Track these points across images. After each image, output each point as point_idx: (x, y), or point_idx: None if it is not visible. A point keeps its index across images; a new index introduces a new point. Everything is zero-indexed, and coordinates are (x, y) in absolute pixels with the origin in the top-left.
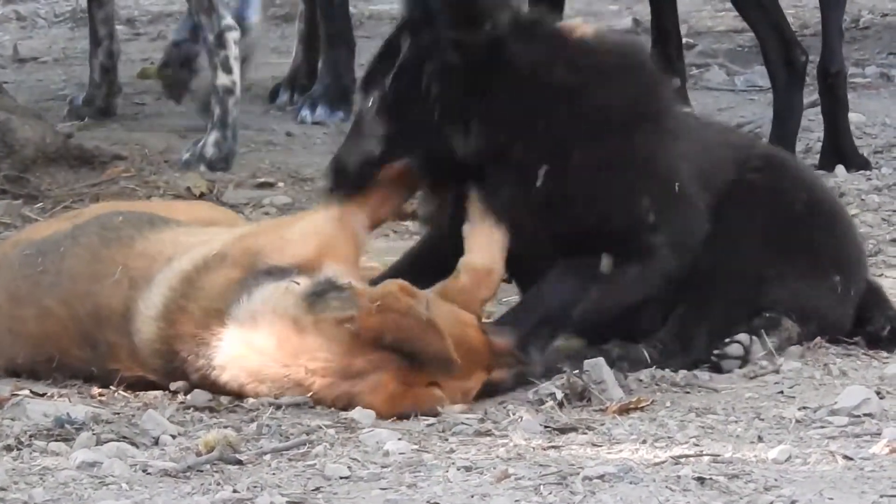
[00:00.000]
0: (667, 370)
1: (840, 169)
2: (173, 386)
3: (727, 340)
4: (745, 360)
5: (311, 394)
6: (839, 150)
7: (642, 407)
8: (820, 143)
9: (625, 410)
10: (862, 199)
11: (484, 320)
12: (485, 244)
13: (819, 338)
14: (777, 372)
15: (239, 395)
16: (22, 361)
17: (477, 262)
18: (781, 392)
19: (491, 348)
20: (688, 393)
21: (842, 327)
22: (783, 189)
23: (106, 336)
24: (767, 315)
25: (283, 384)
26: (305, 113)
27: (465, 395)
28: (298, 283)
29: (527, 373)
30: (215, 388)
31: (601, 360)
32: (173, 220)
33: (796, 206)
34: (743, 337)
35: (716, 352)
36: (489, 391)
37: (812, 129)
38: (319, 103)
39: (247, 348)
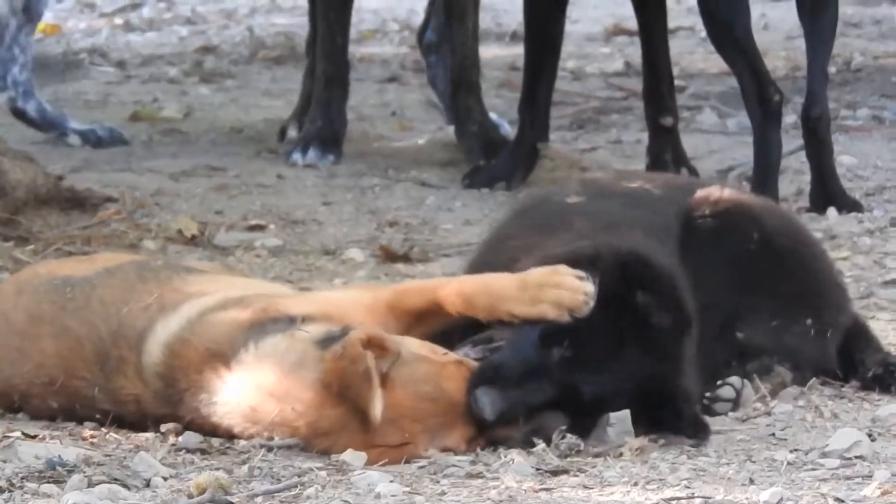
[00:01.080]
0: None
1: (832, 211)
2: (164, 427)
3: (719, 383)
4: (736, 403)
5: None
6: (827, 192)
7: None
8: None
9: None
10: (854, 242)
11: None
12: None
13: (813, 379)
14: (769, 414)
15: (230, 436)
16: (19, 381)
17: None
18: (773, 434)
19: None
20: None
21: (821, 368)
22: (734, 232)
23: (119, 351)
24: (759, 360)
25: (273, 425)
26: (297, 156)
27: (446, 449)
28: (308, 331)
29: (537, 428)
30: (207, 426)
31: (626, 412)
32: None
33: (750, 246)
34: (735, 380)
35: (707, 394)
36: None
37: (804, 172)
38: (311, 146)
39: (246, 388)
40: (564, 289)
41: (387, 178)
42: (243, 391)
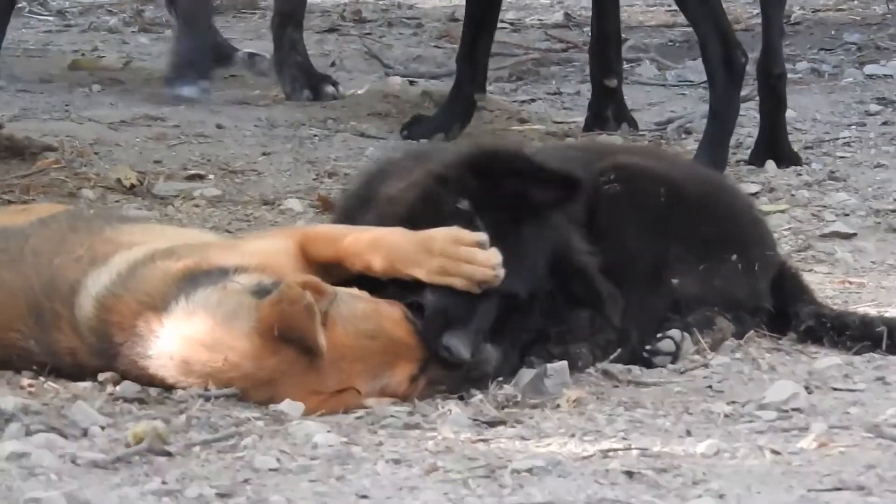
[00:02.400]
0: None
1: (770, 164)
2: (102, 377)
3: (659, 336)
4: (676, 356)
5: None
6: (773, 146)
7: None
8: (750, 139)
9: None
10: (792, 195)
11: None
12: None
13: (751, 332)
14: (706, 366)
15: (168, 387)
16: None
17: None
18: (710, 387)
19: (425, 342)
20: (616, 387)
21: (754, 304)
22: (640, 190)
23: (53, 305)
24: (701, 312)
25: (208, 376)
26: (186, 89)
27: (391, 391)
28: (240, 282)
29: (474, 367)
30: (144, 378)
31: (564, 364)
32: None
33: (660, 201)
34: (675, 333)
35: (647, 347)
36: (434, 389)
37: (742, 125)
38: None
39: (180, 341)
40: (477, 264)
41: (326, 129)
42: (176, 344)
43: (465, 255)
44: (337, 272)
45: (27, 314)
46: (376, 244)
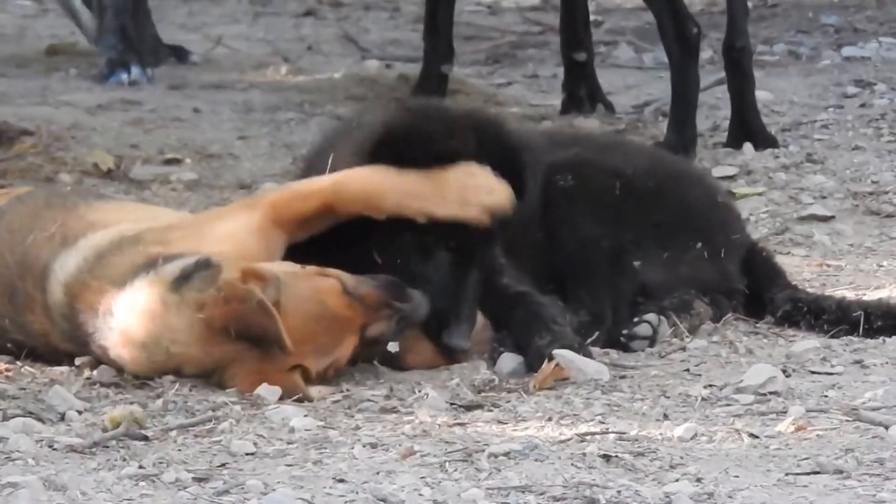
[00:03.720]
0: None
1: (748, 147)
2: (78, 361)
3: (636, 320)
4: (653, 339)
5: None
6: (746, 127)
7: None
8: (727, 122)
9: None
10: (769, 178)
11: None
12: None
13: (729, 315)
14: (684, 350)
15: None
16: None
17: None
18: (688, 370)
19: (363, 307)
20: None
21: (725, 287)
22: (594, 188)
23: (26, 287)
24: (678, 296)
25: (153, 367)
26: (123, 76)
27: (338, 363)
28: (161, 272)
29: (409, 314)
30: (115, 365)
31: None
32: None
33: (615, 194)
34: (651, 317)
35: (625, 332)
36: (373, 346)
37: (720, 107)
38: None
39: (124, 332)
40: (494, 191)
41: (302, 113)
42: (120, 336)
43: (484, 185)
44: (316, 227)
45: (1, 292)
46: (375, 183)
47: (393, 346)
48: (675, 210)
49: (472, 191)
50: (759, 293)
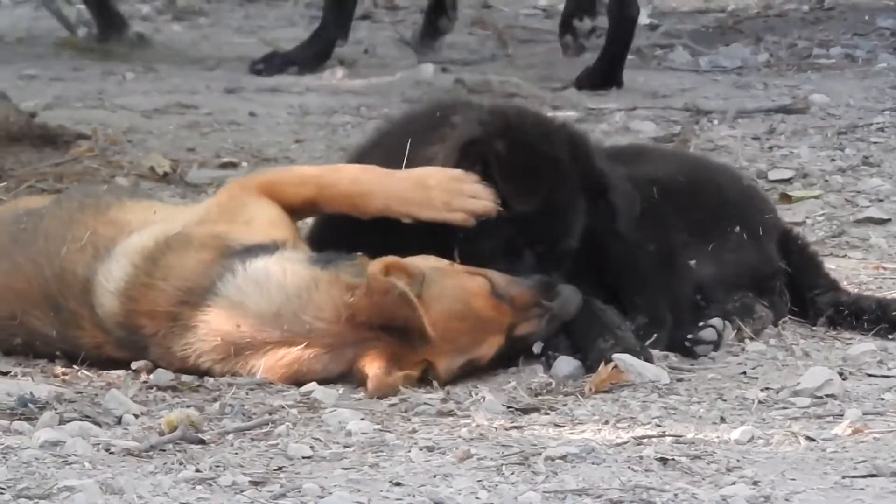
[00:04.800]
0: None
1: (804, 149)
2: (135, 365)
3: (701, 325)
4: (718, 344)
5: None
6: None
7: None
8: (783, 124)
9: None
10: (826, 180)
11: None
12: None
13: (787, 317)
14: (741, 353)
15: (205, 373)
16: None
17: None
18: (744, 373)
19: (511, 308)
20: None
21: (770, 269)
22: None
23: (69, 304)
24: (739, 300)
25: (273, 346)
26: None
27: (477, 362)
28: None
29: (559, 312)
30: (180, 365)
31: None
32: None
33: (654, 198)
34: (716, 321)
35: (689, 336)
36: (520, 344)
37: (775, 111)
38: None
39: (237, 315)
40: (479, 197)
41: (358, 116)
42: (232, 324)
43: (469, 190)
44: (306, 215)
45: (43, 304)
46: (363, 184)
47: (537, 347)
48: (708, 202)
49: (457, 195)
50: (799, 288)
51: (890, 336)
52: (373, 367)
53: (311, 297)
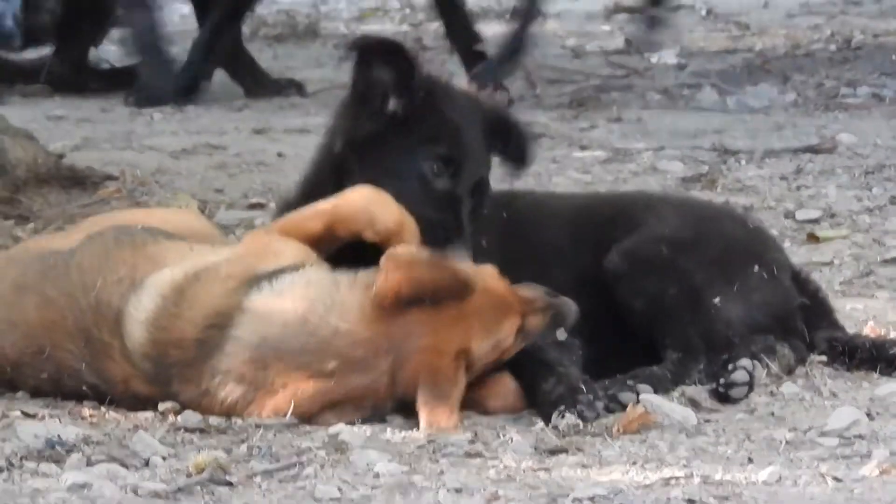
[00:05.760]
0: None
1: (831, 189)
2: (162, 406)
3: (730, 367)
4: (751, 385)
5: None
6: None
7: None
8: (811, 164)
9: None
10: (853, 220)
11: None
12: None
13: (812, 357)
14: (768, 394)
15: (231, 411)
16: (10, 352)
17: None
18: (772, 413)
19: (519, 297)
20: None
21: (792, 303)
22: (643, 254)
23: (101, 335)
24: (761, 341)
25: (303, 353)
26: None
27: (499, 349)
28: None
29: (562, 311)
30: (207, 399)
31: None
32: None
33: (664, 257)
34: (746, 362)
35: (721, 381)
36: (528, 340)
37: (801, 151)
38: None
39: (263, 326)
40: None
41: None
42: (258, 336)
43: None
44: (328, 244)
45: (76, 335)
46: (376, 202)
47: (561, 334)
48: (721, 245)
49: None
50: (807, 327)
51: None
52: (434, 414)
53: (334, 298)
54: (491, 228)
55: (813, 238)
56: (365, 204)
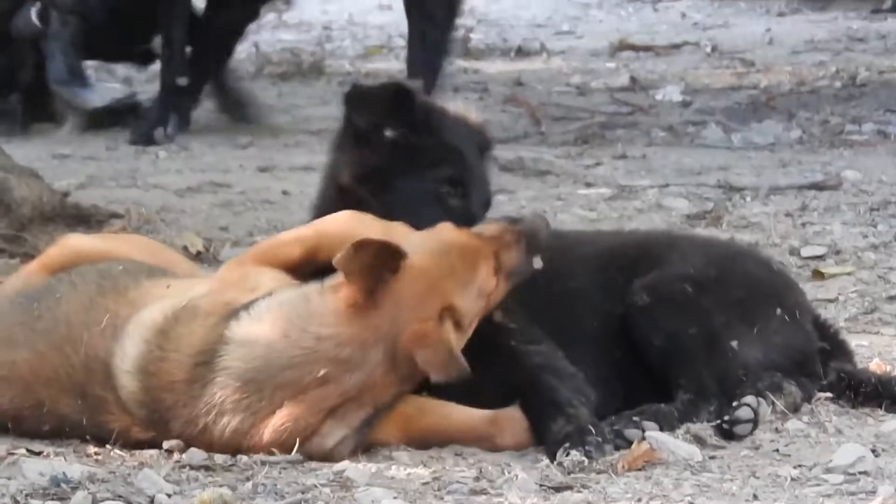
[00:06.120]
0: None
1: (837, 226)
2: (167, 444)
3: (735, 404)
4: (756, 422)
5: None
6: None
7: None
8: (816, 201)
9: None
10: (858, 257)
11: None
12: None
13: (818, 394)
14: (773, 430)
15: (232, 449)
16: (9, 408)
17: None
18: (777, 450)
19: (484, 238)
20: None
21: (812, 347)
22: (667, 291)
23: (94, 390)
24: (768, 378)
25: (289, 367)
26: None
27: (486, 298)
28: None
29: (531, 231)
30: (206, 436)
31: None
32: (170, 272)
33: (689, 295)
34: (751, 399)
35: (726, 418)
36: (519, 275)
37: (806, 187)
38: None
39: (247, 353)
40: None
41: None
42: (247, 362)
43: None
44: (306, 269)
45: (71, 392)
46: (354, 227)
47: (537, 262)
48: (745, 286)
49: None
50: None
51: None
52: (408, 343)
53: (309, 309)
54: None
55: (818, 275)
56: (347, 227)
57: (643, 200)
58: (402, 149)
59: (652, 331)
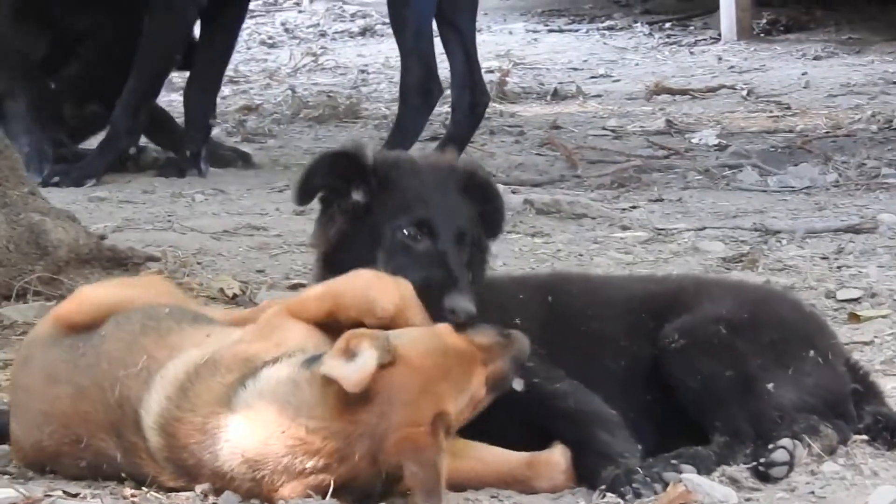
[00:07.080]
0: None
1: (873, 269)
2: (199, 489)
3: (770, 447)
4: (791, 464)
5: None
6: None
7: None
8: (851, 244)
9: None
10: (894, 300)
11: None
12: None
13: (854, 437)
14: (809, 473)
15: (249, 493)
16: (48, 443)
17: None
18: (813, 492)
19: (477, 346)
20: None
21: (846, 389)
22: (701, 334)
23: (127, 433)
24: (804, 421)
25: (285, 455)
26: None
27: (474, 402)
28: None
29: (518, 349)
30: (227, 485)
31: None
32: (215, 319)
33: (722, 337)
34: (786, 442)
35: (762, 460)
36: (500, 389)
37: (842, 230)
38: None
39: (248, 429)
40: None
41: None
42: (249, 429)
43: None
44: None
45: (108, 428)
46: (376, 288)
47: (517, 384)
48: (777, 328)
49: None
50: (856, 407)
51: None
52: (394, 449)
53: (299, 398)
54: (534, 312)
55: (854, 318)
56: (364, 290)
57: (679, 244)
58: (363, 208)
59: (687, 373)
